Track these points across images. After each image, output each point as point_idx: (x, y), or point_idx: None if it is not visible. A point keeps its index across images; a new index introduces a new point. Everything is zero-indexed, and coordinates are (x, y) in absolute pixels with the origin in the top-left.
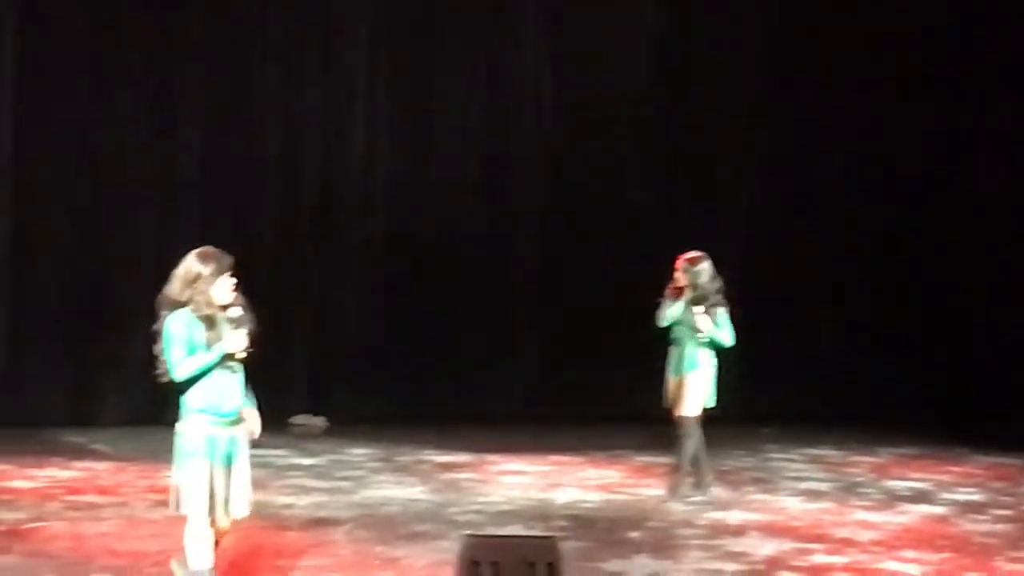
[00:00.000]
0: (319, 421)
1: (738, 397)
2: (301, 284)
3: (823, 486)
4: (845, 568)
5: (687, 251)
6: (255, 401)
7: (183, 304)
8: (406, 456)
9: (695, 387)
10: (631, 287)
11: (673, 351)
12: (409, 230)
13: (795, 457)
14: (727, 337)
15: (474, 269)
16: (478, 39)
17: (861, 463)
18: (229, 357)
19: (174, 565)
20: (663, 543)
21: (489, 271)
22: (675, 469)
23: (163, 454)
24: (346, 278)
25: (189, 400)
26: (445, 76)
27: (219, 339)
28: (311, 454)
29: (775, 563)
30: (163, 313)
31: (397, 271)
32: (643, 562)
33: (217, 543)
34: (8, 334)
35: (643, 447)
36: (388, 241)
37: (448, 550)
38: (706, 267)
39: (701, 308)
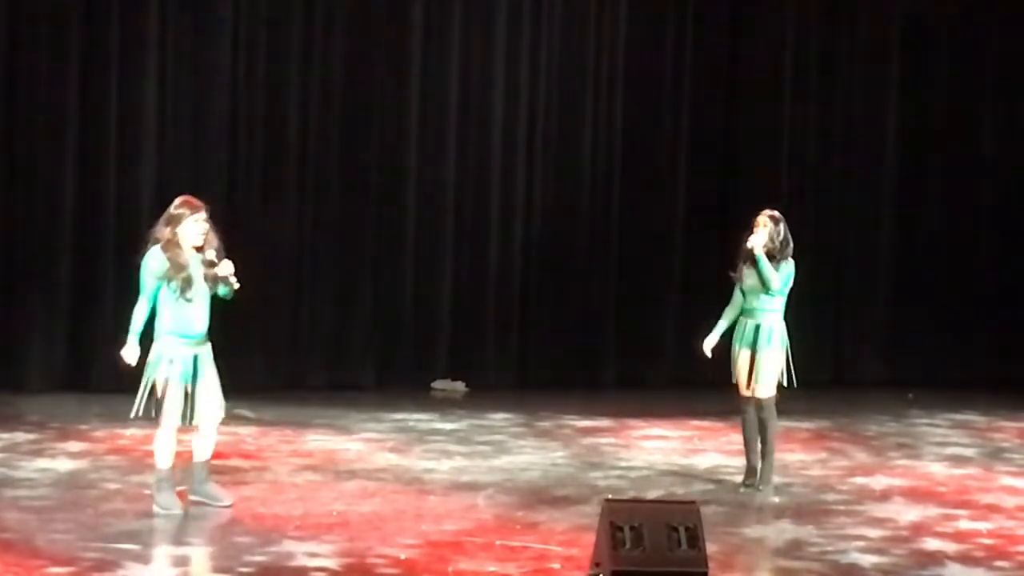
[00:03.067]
0: (459, 386)
1: (883, 361)
2: (442, 251)
3: (968, 451)
4: (990, 534)
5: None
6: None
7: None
8: (547, 421)
9: (771, 364)
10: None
11: (741, 322)
12: (552, 197)
13: (940, 422)
14: (776, 280)
15: (615, 234)
16: None
17: (1007, 428)
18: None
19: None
20: (805, 508)
21: (631, 235)
22: (763, 455)
23: (306, 419)
24: (487, 244)
25: (160, 323)
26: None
27: (184, 274)
28: (452, 419)
29: (919, 529)
30: (147, 246)
31: (537, 237)
32: (784, 527)
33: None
34: None
35: (786, 412)
36: (528, 208)
37: (589, 515)
38: (784, 226)
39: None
